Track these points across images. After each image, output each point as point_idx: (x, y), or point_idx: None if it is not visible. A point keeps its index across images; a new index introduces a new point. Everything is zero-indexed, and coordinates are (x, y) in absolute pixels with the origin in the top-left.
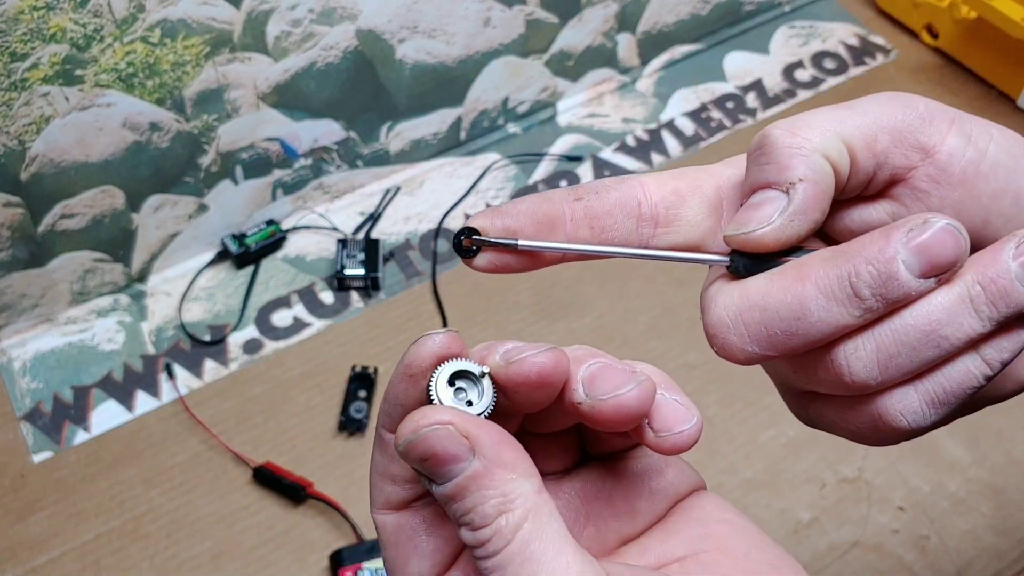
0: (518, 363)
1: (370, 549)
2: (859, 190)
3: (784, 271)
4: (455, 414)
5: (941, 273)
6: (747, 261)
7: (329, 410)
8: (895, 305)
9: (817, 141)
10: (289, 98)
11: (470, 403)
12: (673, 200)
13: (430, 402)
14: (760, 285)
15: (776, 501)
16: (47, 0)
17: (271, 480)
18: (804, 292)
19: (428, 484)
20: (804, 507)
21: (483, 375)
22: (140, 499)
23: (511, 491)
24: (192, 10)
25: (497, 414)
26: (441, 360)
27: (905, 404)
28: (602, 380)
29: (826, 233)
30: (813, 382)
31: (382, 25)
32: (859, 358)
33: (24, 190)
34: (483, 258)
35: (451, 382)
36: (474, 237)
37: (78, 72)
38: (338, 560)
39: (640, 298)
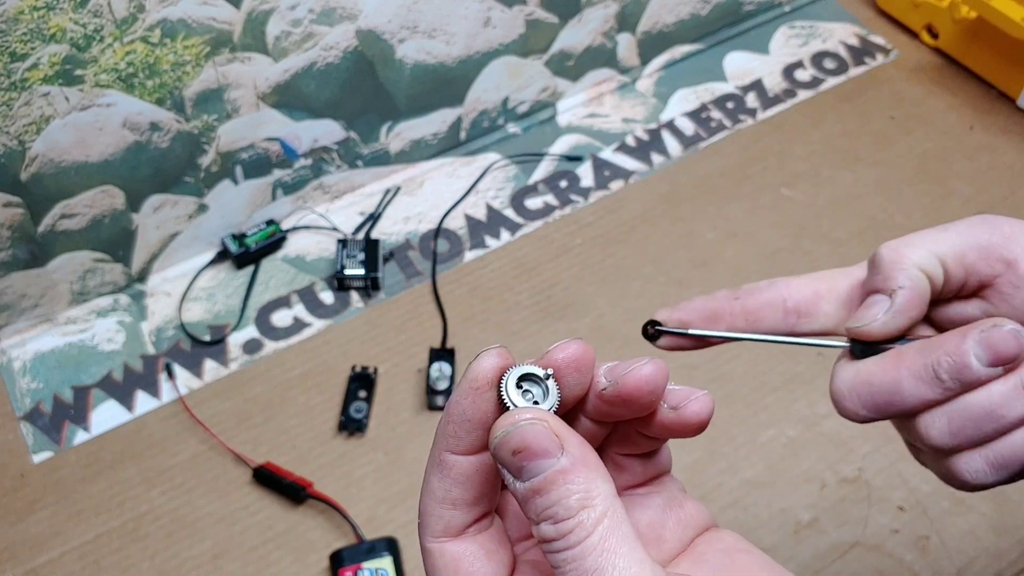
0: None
1: (370, 549)
2: (955, 292)
3: (887, 357)
4: (549, 415)
5: (1005, 364)
6: (862, 346)
7: (329, 410)
8: (968, 387)
9: (915, 258)
10: (289, 98)
11: (536, 403)
12: (812, 299)
13: (502, 404)
14: (869, 366)
15: (776, 501)
16: (47, 0)
17: (271, 480)
18: (900, 374)
19: (512, 482)
20: (804, 507)
21: (548, 376)
22: (140, 499)
23: (593, 489)
24: (192, 10)
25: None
26: (502, 369)
27: (972, 465)
28: (620, 366)
29: (933, 320)
30: (911, 438)
31: (382, 25)
32: (936, 426)
33: (24, 190)
34: (663, 341)
35: (518, 385)
36: (656, 327)
37: (78, 72)
38: (338, 560)
39: (640, 298)
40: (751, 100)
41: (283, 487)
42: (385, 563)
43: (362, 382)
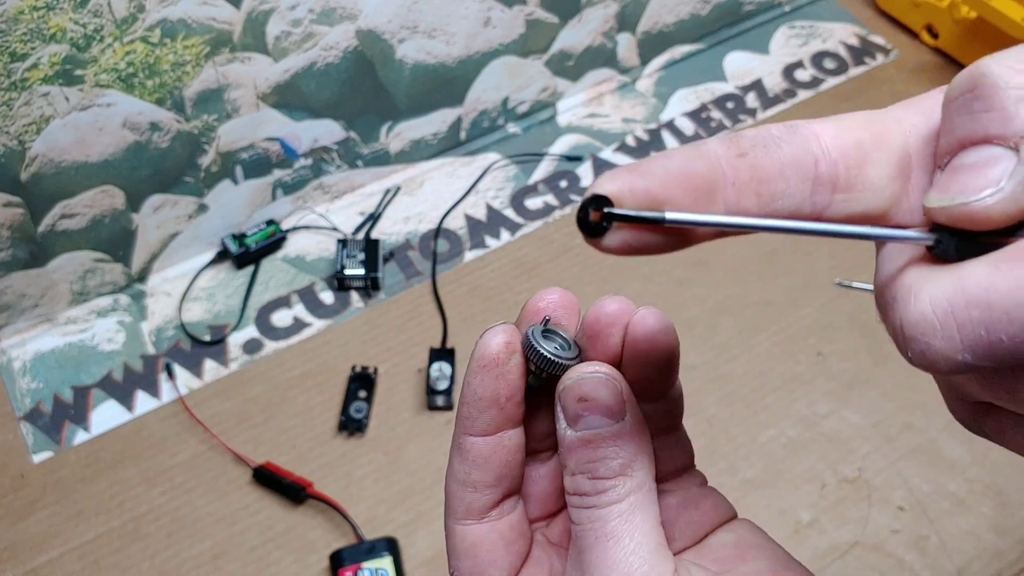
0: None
1: (370, 549)
2: None
3: (1017, 255)
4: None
5: None
6: (958, 241)
7: (329, 410)
8: None
9: None
10: (289, 98)
11: (564, 349)
12: (855, 157)
13: (539, 359)
14: (982, 275)
15: (776, 501)
16: (47, 0)
17: (271, 480)
18: None
19: (564, 427)
20: (804, 507)
21: (546, 322)
22: (140, 499)
23: (637, 462)
24: (192, 10)
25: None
26: (508, 345)
27: None
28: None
29: None
30: (1017, 401)
31: (382, 25)
32: None
33: (24, 190)
34: (616, 236)
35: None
36: (606, 210)
37: (78, 72)
38: (338, 560)
39: (640, 298)
40: (751, 100)
41: (283, 487)
42: (385, 563)
43: (362, 382)
